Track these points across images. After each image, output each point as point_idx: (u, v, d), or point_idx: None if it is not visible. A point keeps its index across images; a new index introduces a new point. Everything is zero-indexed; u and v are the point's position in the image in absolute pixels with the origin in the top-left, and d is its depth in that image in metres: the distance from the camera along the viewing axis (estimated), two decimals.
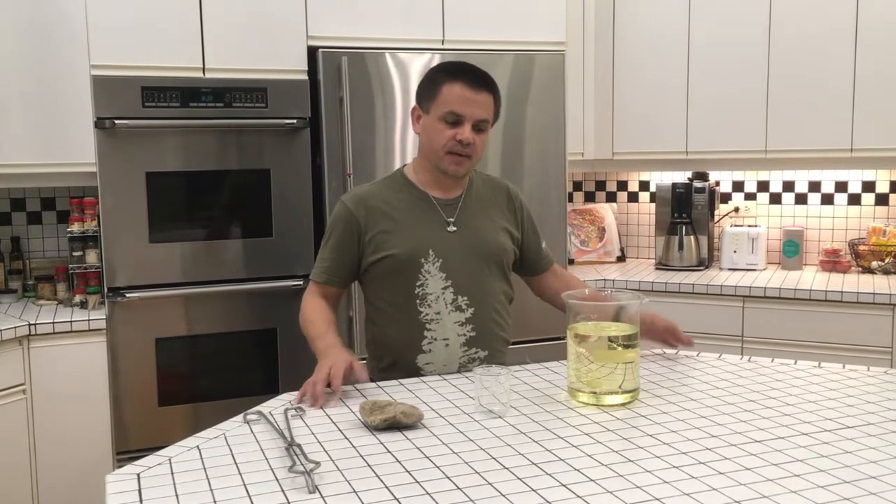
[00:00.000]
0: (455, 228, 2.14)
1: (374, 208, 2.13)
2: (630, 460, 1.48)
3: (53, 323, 2.96)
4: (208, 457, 1.54)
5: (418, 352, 2.11)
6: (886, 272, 3.60)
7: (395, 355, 2.14)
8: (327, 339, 2.04)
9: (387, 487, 1.38)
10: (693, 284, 3.55)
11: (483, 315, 2.13)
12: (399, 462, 1.49)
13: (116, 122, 2.96)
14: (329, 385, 1.87)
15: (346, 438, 1.62)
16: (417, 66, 3.25)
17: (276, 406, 1.84)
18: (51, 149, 3.13)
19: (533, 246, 2.29)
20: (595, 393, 1.80)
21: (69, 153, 3.12)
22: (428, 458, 1.51)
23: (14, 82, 3.08)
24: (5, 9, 3.05)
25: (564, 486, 1.38)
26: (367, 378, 1.96)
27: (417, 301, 2.10)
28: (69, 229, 3.23)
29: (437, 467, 1.47)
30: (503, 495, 1.34)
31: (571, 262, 4.06)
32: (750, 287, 3.44)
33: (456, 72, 2.08)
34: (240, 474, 1.45)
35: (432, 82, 2.10)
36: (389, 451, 1.55)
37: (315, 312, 2.13)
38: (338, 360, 1.92)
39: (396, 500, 1.33)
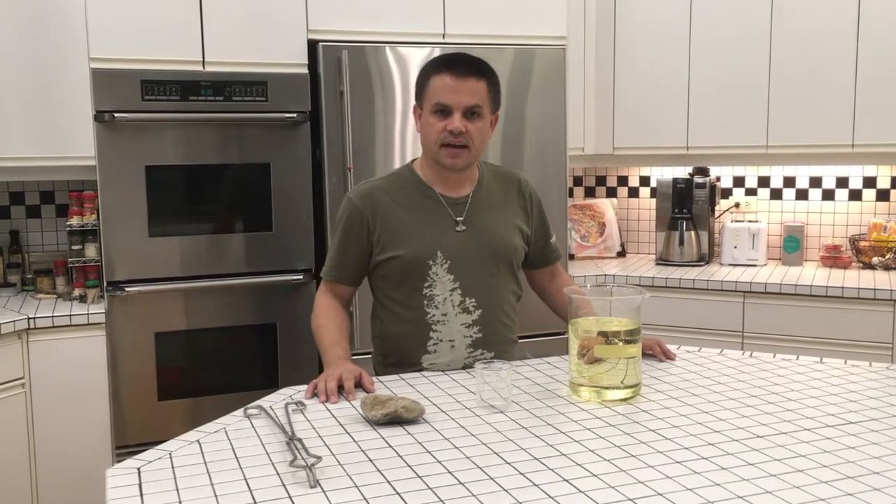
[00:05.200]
0: (464, 228, 2.10)
1: (382, 205, 2.09)
2: (632, 455, 1.48)
3: (52, 317, 2.95)
4: (209, 451, 1.54)
5: (423, 352, 2.09)
6: (887, 268, 3.59)
7: (400, 354, 2.13)
8: (337, 350, 2.03)
9: (388, 482, 1.38)
10: (693, 280, 3.55)
11: (490, 317, 2.11)
12: (400, 457, 1.49)
13: (116, 115, 2.95)
14: (340, 388, 1.87)
15: (348, 433, 1.62)
16: (418, 59, 3.24)
17: (276, 400, 1.84)
18: (50, 142, 3.11)
19: (540, 240, 2.26)
20: (597, 388, 1.80)
21: (68, 147, 3.11)
22: (429, 452, 1.51)
23: (13, 76, 3.07)
24: (4, 2, 3.04)
25: (566, 480, 1.37)
26: (374, 391, 1.91)
27: (425, 302, 2.07)
28: (68, 223, 3.21)
29: (439, 462, 1.46)
30: (505, 490, 1.34)
31: (572, 257, 4.05)
32: (750, 283, 3.44)
33: (443, 63, 2.05)
34: (240, 468, 1.45)
35: (423, 77, 2.08)
36: (391, 446, 1.54)
37: (328, 317, 2.11)
38: (347, 369, 1.92)
39: (398, 494, 1.33)
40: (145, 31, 3.01)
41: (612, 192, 4.38)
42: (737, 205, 4.04)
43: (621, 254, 4.23)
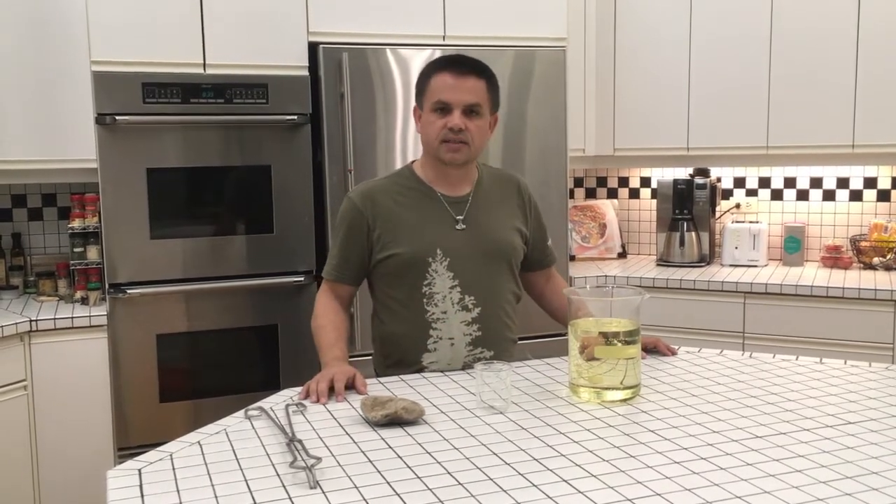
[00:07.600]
0: (464, 227, 2.11)
1: (382, 204, 2.11)
2: (631, 456, 1.48)
3: (55, 319, 2.96)
4: (209, 452, 1.54)
5: (423, 350, 2.10)
6: (888, 268, 3.59)
7: (400, 353, 2.14)
8: (335, 351, 2.05)
9: (388, 483, 1.38)
10: (694, 281, 3.55)
11: (490, 315, 2.12)
12: (400, 458, 1.49)
13: (117, 118, 2.96)
14: (331, 389, 1.88)
15: (347, 434, 1.62)
16: (418, 61, 3.24)
17: (277, 402, 1.84)
18: (51, 145, 3.12)
19: (538, 242, 2.27)
20: (596, 389, 1.80)
21: (70, 149, 3.12)
22: (429, 453, 1.51)
23: (14, 78, 3.08)
24: (5, 5, 3.05)
25: (566, 481, 1.37)
26: (366, 392, 1.91)
27: (424, 300, 2.08)
28: (70, 225, 3.22)
29: (439, 463, 1.47)
30: (504, 491, 1.34)
31: (572, 258, 4.05)
32: (751, 283, 3.44)
33: (442, 63, 2.08)
34: (241, 470, 1.45)
35: (423, 78, 2.10)
36: (390, 447, 1.55)
37: (327, 317, 2.13)
38: (341, 371, 1.93)
39: (397, 495, 1.33)
40: (146, 33, 3.02)
41: (612, 193, 4.38)
42: (737, 205, 4.04)
43: (622, 255, 4.23)
